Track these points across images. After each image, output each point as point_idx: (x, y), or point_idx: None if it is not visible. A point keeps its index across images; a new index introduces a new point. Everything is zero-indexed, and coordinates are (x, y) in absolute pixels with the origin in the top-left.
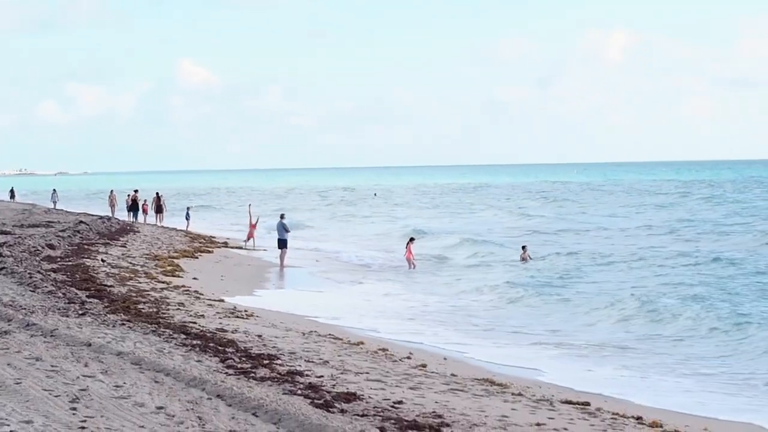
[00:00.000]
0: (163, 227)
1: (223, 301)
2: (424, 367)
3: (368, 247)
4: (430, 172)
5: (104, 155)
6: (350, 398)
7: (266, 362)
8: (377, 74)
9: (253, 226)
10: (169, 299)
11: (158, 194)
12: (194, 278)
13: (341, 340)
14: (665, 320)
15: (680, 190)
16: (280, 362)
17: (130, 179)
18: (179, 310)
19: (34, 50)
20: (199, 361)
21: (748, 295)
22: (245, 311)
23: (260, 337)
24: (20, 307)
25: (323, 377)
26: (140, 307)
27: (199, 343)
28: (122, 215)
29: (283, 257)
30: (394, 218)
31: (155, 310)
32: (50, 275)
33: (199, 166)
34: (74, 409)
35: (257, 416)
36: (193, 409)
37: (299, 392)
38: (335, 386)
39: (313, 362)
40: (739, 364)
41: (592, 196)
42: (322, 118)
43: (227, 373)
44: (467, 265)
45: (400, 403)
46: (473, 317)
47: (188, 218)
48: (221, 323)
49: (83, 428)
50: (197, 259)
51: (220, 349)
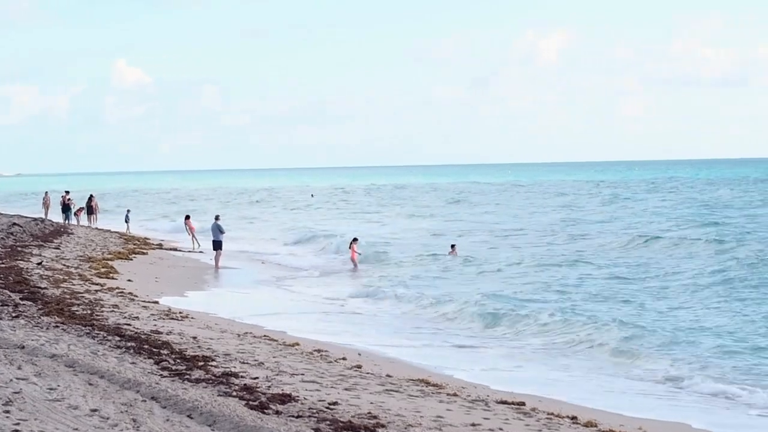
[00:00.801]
0: (97, 229)
1: (157, 302)
2: (359, 368)
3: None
4: (365, 172)
5: (38, 156)
6: (285, 399)
7: (201, 364)
8: (312, 75)
9: (192, 228)
10: (103, 301)
11: (92, 196)
12: (129, 280)
13: (276, 341)
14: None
15: (591, 191)
16: (215, 364)
17: (64, 180)
18: (113, 312)
19: None
20: (133, 363)
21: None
22: (180, 313)
23: (195, 338)
24: None
25: (258, 379)
26: (74, 309)
27: (133, 345)
28: (57, 217)
29: (218, 259)
30: (283, 221)
31: (89, 312)
32: None
33: (133, 167)
34: (7, 412)
35: (192, 418)
36: (127, 411)
37: (234, 394)
38: (270, 388)
39: (248, 364)
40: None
41: (501, 197)
42: (256, 118)
43: (162, 375)
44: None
45: (335, 404)
46: (416, 319)
47: (128, 221)
48: (156, 325)
49: (17, 431)
50: (132, 260)
51: (154, 350)
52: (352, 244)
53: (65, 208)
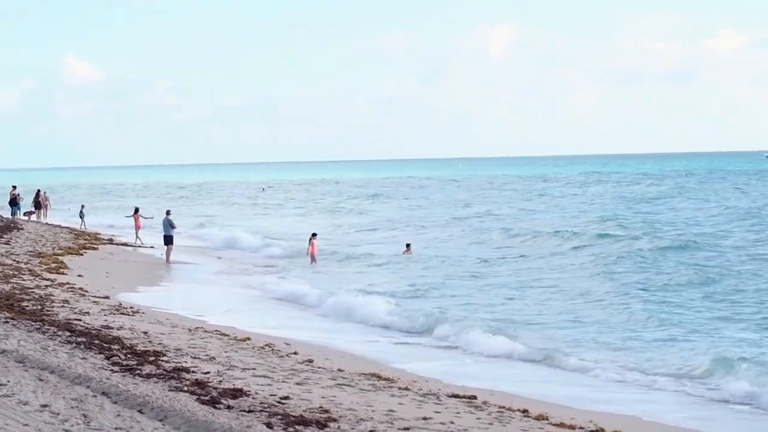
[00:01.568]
0: (47, 224)
1: (108, 298)
2: (310, 362)
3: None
4: (314, 167)
5: None
6: (237, 394)
7: (152, 359)
8: (263, 71)
9: (138, 223)
10: (53, 296)
11: (39, 191)
12: (79, 275)
13: (228, 336)
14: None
15: (518, 185)
16: (166, 359)
17: (14, 175)
18: (64, 307)
19: None
20: (84, 358)
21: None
22: (131, 308)
23: (146, 333)
24: None
25: (210, 373)
26: (24, 304)
27: (84, 340)
28: (6, 213)
29: (169, 253)
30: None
31: (39, 307)
32: None
33: (85, 162)
34: None
35: (143, 413)
36: (78, 406)
37: (185, 389)
38: (222, 382)
39: (199, 359)
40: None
41: (428, 191)
42: (207, 114)
43: (112, 370)
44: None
45: (286, 398)
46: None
47: (82, 216)
48: (106, 320)
49: None
50: (82, 256)
51: (105, 346)
52: (311, 239)
53: (12, 202)
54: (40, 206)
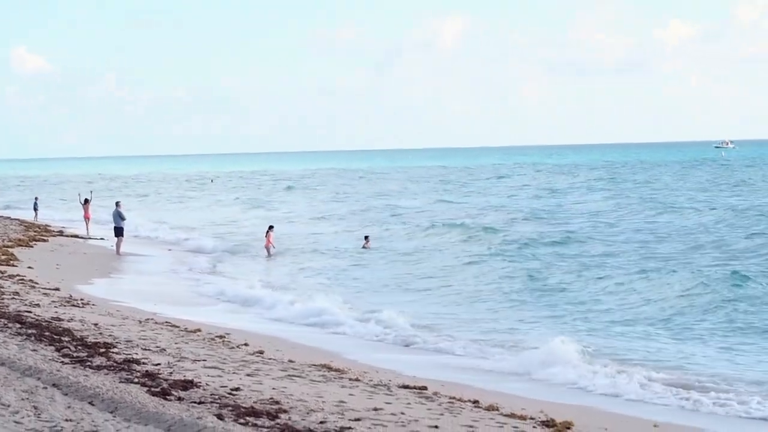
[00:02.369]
0: None
1: (58, 289)
2: (261, 353)
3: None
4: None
5: None
6: (187, 386)
7: (102, 351)
8: (213, 62)
9: (88, 212)
10: (3, 288)
11: None
12: (29, 267)
13: (178, 327)
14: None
15: (447, 176)
16: (116, 350)
17: None
18: (14, 299)
19: None
20: (34, 350)
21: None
22: (81, 300)
23: (96, 325)
24: None
25: (160, 365)
26: None
27: (34, 332)
28: None
29: (119, 245)
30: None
31: None
32: None
33: (35, 154)
34: None
35: (93, 405)
36: (28, 398)
37: (136, 380)
38: (172, 374)
39: (149, 350)
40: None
41: (349, 182)
42: (156, 106)
43: (63, 362)
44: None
45: (237, 389)
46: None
47: (36, 209)
48: (57, 312)
49: None
50: (32, 248)
51: (55, 338)
52: (268, 232)
53: None
54: None
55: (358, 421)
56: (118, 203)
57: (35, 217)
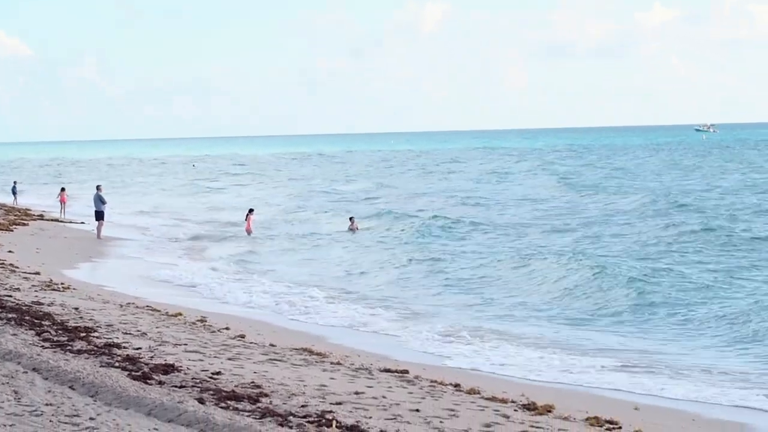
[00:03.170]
0: None
1: (39, 273)
2: (242, 337)
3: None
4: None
5: None
6: (168, 370)
7: (83, 335)
8: (192, 46)
9: (63, 196)
10: None
11: None
12: (9, 251)
13: (159, 311)
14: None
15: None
16: (97, 335)
17: None
18: None
19: None
20: (14, 334)
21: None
22: (62, 284)
23: (77, 309)
24: None
25: (141, 349)
26: None
27: (14, 316)
28: None
29: (100, 229)
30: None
31: None
32: None
33: (15, 138)
34: None
35: (74, 389)
36: (8, 383)
37: (117, 364)
38: (153, 358)
39: (130, 334)
40: (544, 329)
41: (306, 166)
42: (136, 89)
43: (43, 346)
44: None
45: (218, 373)
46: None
47: (15, 193)
48: (37, 296)
49: None
50: (12, 232)
51: (36, 322)
52: (248, 215)
53: None
54: None
55: (339, 404)
56: (98, 187)
57: (14, 201)
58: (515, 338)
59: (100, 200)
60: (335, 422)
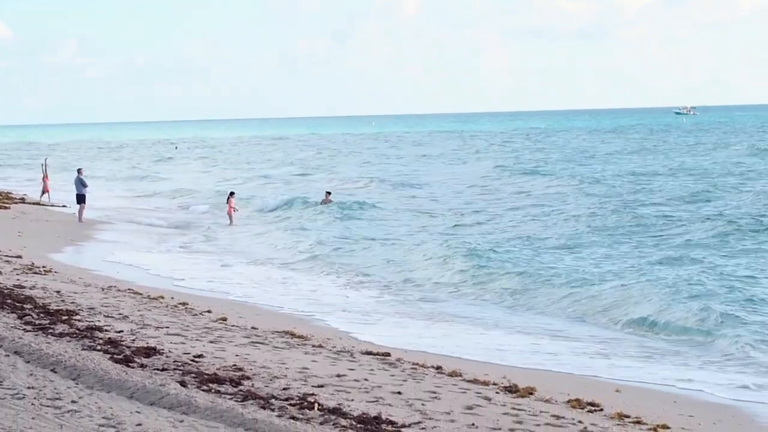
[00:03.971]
0: None
1: (20, 257)
2: (224, 320)
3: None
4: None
5: None
6: (150, 353)
7: (65, 318)
8: (172, 28)
9: (46, 179)
10: None
11: None
12: None
13: (141, 294)
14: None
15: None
16: (78, 318)
17: None
18: None
19: None
20: None
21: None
22: (43, 267)
23: (59, 293)
24: None
25: (123, 332)
26: None
27: None
28: None
29: (81, 212)
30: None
31: None
32: None
33: None
34: None
35: (56, 372)
36: None
37: (98, 347)
38: (135, 341)
39: (112, 317)
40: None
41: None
42: (116, 72)
43: (25, 329)
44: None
45: (200, 356)
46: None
47: None
48: (19, 279)
49: None
50: None
51: (17, 305)
52: (229, 198)
53: None
54: None
55: (321, 387)
56: (79, 170)
57: None
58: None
59: (81, 183)
60: (317, 405)
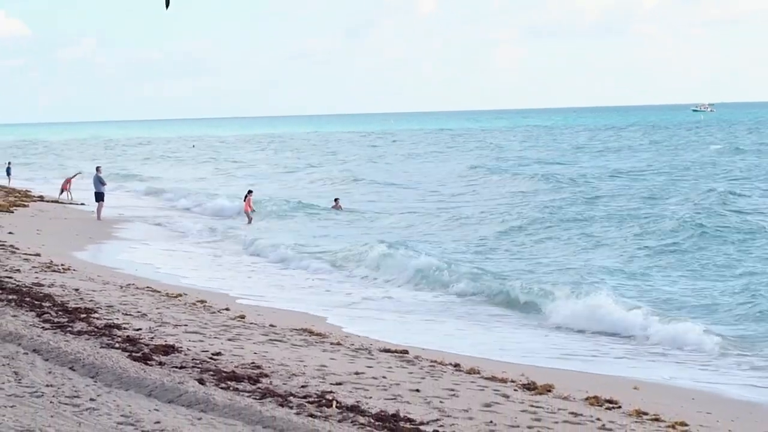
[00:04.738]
0: None
1: (39, 255)
2: (242, 318)
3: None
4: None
5: None
6: (168, 350)
7: (83, 316)
8: (184, 25)
9: (68, 179)
10: None
11: None
12: (9, 233)
13: (159, 292)
14: None
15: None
16: (97, 316)
17: None
18: None
19: None
20: (15, 316)
21: None
22: (62, 265)
23: (77, 290)
24: None
25: (141, 330)
26: None
27: (15, 297)
28: None
29: (100, 210)
30: None
31: None
32: None
33: (10, 119)
34: None
35: (74, 370)
36: (9, 364)
37: (117, 345)
38: (153, 339)
39: (131, 315)
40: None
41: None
42: (132, 70)
43: (44, 327)
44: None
45: (218, 354)
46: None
47: (9, 174)
48: (38, 277)
49: None
50: (12, 213)
51: (36, 303)
52: (246, 196)
53: None
54: None
55: (339, 385)
56: (98, 168)
57: (9, 182)
58: None
59: (99, 181)
60: (335, 402)
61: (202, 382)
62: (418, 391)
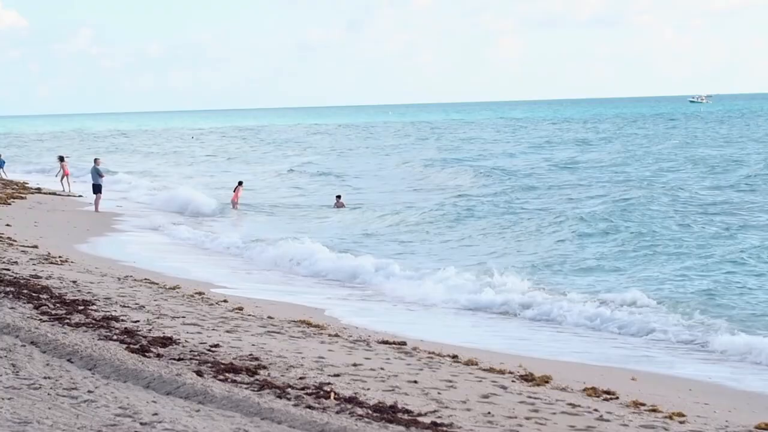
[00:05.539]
0: None
1: (36, 247)
2: (240, 310)
3: None
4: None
5: None
6: (166, 342)
7: (81, 308)
8: (184, 16)
9: (66, 171)
10: None
11: None
12: (7, 225)
13: (157, 284)
14: None
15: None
16: (95, 308)
17: None
18: None
19: None
20: (12, 308)
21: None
22: (59, 257)
23: (75, 282)
24: None
25: (139, 322)
26: None
27: (12, 290)
28: None
29: (97, 202)
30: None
31: None
32: None
33: (9, 111)
34: None
35: (72, 362)
36: (6, 356)
37: (115, 337)
38: (151, 331)
39: (128, 307)
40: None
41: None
42: (131, 61)
43: (41, 319)
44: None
45: (216, 346)
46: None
47: (1, 166)
48: (35, 269)
49: None
50: (10, 205)
51: (34, 295)
52: (237, 187)
53: None
54: None
55: (337, 376)
56: (96, 160)
57: (2, 174)
58: None
59: (97, 173)
60: (333, 394)
61: (200, 374)
62: (416, 382)
